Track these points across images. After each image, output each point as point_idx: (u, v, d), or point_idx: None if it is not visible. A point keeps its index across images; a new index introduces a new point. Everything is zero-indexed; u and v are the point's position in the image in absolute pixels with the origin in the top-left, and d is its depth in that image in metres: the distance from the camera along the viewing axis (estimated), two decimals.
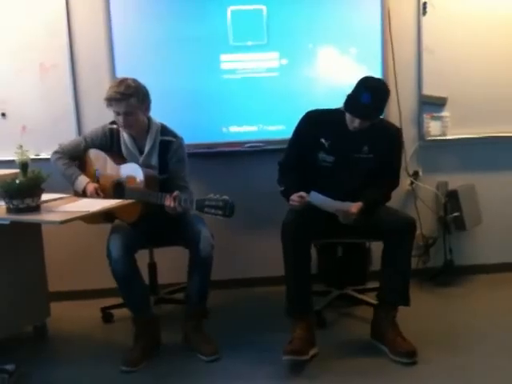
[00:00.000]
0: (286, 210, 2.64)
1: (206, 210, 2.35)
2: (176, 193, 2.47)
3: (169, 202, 2.45)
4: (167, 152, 2.67)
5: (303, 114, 2.72)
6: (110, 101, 2.55)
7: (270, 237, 3.09)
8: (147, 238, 2.66)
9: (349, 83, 3.18)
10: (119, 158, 2.67)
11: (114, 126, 2.70)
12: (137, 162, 2.64)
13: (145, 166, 2.63)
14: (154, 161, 2.67)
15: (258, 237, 3.33)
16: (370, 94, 2.47)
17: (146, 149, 2.66)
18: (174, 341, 2.69)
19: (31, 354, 2.68)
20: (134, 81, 2.60)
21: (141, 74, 3.11)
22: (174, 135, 2.72)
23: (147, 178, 2.57)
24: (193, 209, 2.41)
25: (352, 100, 2.52)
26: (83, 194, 2.65)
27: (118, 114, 2.58)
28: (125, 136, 2.67)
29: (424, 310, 2.93)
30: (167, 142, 2.68)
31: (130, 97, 2.54)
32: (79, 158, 2.75)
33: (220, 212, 2.32)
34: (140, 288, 2.60)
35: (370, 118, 2.52)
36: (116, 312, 3.00)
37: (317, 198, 2.49)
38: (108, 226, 2.70)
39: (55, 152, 2.74)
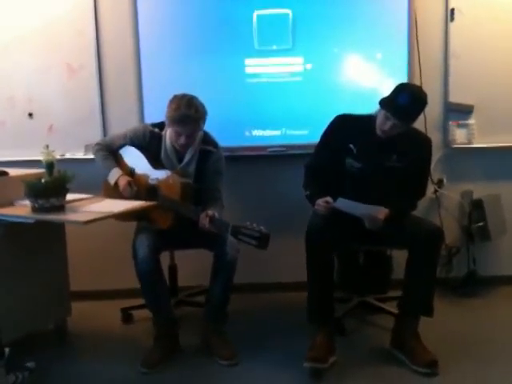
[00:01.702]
0: (309, 215, 2.63)
1: (240, 237, 2.35)
2: (212, 213, 2.44)
3: (204, 220, 2.42)
4: (206, 161, 2.65)
5: (328, 118, 2.70)
6: (178, 122, 2.51)
7: (292, 242, 3.07)
8: (172, 239, 2.66)
9: (374, 88, 3.20)
10: (156, 163, 2.65)
11: (156, 130, 2.67)
12: (174, 169, 2.62)
13: (182, 174, 2.62)
14: (192, 169, 2.65)
15: (280, 242, 3.28)
16: (408, 96, 2.44)
17: (186, 158, 2.64)
18: (193, 344, 2.70)
19: (51, 352, 2.71)
20: (199, 100, 2.56)
21: (166, 77, 3.18)
22: (215, 145, 2.70)
23: (183, 188, 2.56)
24: (228, 233, 2.39)
25: (388, 99, 2.49)
26: (115, 186, 2.63)
27: (178, 134, 2.55)
28: (167, 143, 2.65)
29: (446, 321, 2.89)
30: (207, 151, 2.67)
31: (199, 120, 2.54)
32: (117, 153, 2.75)
33: (254, 242, 2.32)
34: (163, 289, 2.60)
35: (403, 120, 2.47)
36: (136, 313, 3.01)
37: (344, 204, 2.46)
38: (130, 228, 2.71)
39: (97, 143, 2.76)
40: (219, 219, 2.44)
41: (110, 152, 2.73)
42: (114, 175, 2.65)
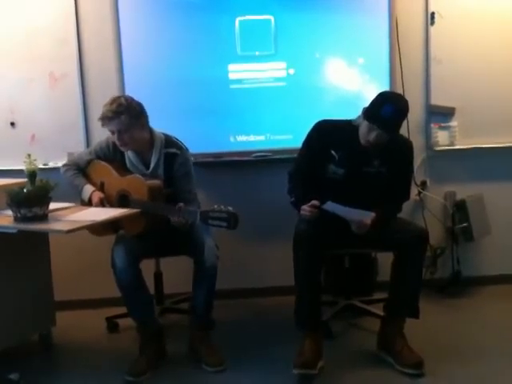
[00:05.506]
0: (294, 220, 2.63)
1: (209, 221, 2.33)
2: (180, 204, 2.44)
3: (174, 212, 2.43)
4: (172, 164, 2.65)
5: (312, 123, 2.69)
6: (103, 120, 2.55)
7: (277, 247, 3.09)
8: (152, 247, 2.65)
9: (356, 93, 3.23)
10: (123, 170, 2.66)
11: None
12: (143, 175, 2.62)
13: (151, 178, 2.61)
14: (160, 173, 2.65)
15: (265, 247, 3.32)
16: (392, 108, 2.42)
17: (152, 163, 2.64)
18: (180, 351, 2.68)
19: (36, 363, 2.68)
20: (127, 98, 2.59)
21: (149, 85, 3.17)
22: (179, 147, 2.69)
23: (151, 189, 2.56)
24: (197, 221, 2.39)
25: (372, 112, 2.46)
26: (89, 202, 2.65)
27: (113, 132, 2.58)
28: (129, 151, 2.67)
29: (431, 322, 2.90)
30: (172, 154, 2.66)
31: (121, 114, 2.52)
32: (86, 169, 2.76)
33: (224, 224, 2.30)
34: (145, 298, 2.59)
35: (389, 132, 2.47)
36: (121, 321, 2.99)
37: (333, 207, 2.46)
38: (113, 236, 2.69)
39: (64, 164, 2.78)
40: (187, 208, 2.42)
41: (79, 169, 2.75)
42: (87, 192, 2.66)
